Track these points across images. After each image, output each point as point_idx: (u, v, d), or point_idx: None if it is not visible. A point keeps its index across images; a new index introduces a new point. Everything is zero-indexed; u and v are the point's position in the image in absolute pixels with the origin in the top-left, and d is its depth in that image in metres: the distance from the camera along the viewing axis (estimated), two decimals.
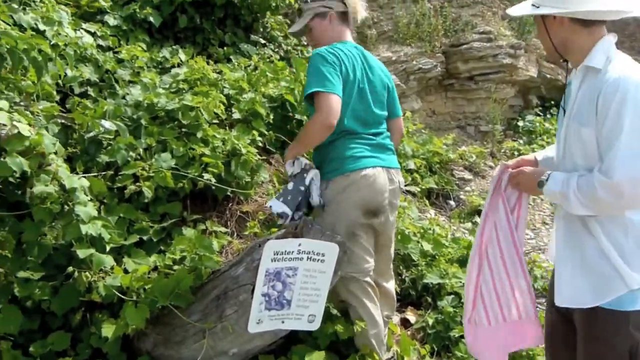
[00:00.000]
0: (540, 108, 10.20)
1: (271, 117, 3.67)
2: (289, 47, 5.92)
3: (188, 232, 2.87)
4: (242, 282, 2.33)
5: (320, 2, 2.74)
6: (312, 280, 2.38)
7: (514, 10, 2.02)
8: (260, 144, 3.49)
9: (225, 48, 5.18)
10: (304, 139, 2.67)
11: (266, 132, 3.57)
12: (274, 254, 2.25)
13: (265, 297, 2.31)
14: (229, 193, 3.15)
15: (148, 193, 2.86)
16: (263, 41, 5.62)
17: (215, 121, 3.44)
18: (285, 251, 2.27)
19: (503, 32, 9.06)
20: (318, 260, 2.35)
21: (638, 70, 1.76)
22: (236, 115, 3.52)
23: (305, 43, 6.41)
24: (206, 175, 2.98)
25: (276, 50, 5.72)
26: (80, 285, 2.45)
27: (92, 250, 2.49)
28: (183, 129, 3.25)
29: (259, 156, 3.29)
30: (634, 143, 1.69)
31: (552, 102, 10.28)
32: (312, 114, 2.61)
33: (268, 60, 5.11)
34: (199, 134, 3.19)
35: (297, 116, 3.81)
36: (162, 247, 2.86)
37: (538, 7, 1.89)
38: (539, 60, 9.74)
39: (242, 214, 3.25)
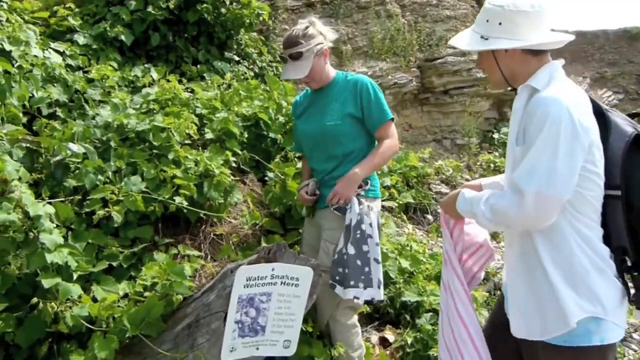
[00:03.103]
0: None
1: (245, 136, 3.62)
2: (264, 64, 5.90)
3: (159, 256, 2.80)
4: (214, 309, 2.26)
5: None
6: (286, 305, 2.33)
7: (462, 44, 1.92)
8: (234, 164, 3.44)
9: (198, 66, 5.14)
10: (381, 162, 2.71)
11: (240, 152, 3.51)
12: (247, 280, 2.19)
13: (238, 324, 2.25)
14: (201, 215, 3.09)
15: (117, 218, 2.78)
16: (237, 58, 5.59)
17: (187, 142, 3.38)
18: (258, 276, 2.22)
19: None
20: (292, 284, 2.30)
21: (571, 94, 1.74)
22: (209, 135, 3.46)
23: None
24: (178, 198, 2.91)
25: (250, 67, 5.70)
26: (46, 316, 2.36)
27: (58, 279, 2.40)
28: (154, 151, 3.18)
29: (232, 177, 3.23)
30: (542, 157, 1.67)
31: None
32: (350, 136, 2.68)
33: (242, 77, 5.07)
34: (171, 156, 3.12)
35: (272, 135, 3.77)
36: (132, 273, 2.78)
37: (487, 39, 1.85)
38: None
39: (215, 236, 3.18)
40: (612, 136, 1.79)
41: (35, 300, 2.33)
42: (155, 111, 3.49)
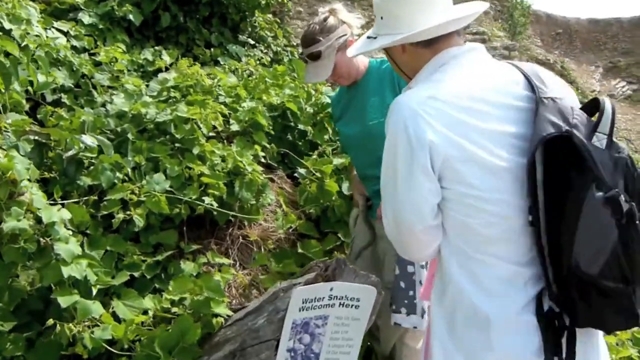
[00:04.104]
0: None
1: (271, 128, 3.27)
2: (279, 48, 5.52)
3: (187, 266, 2.47)
4: (264, 337, 1.93)
5: None
6: (343, 329, 2.00)
7: (351, 50, 1.72)
8: (262, 160, 3.10)
9: (211, 49, 4.77)
10: None
11: (268, 146, 3.17)
12: (303, 302, 1.87)
13: (290, 353, 1.93)
14: (230, 217, 2.75)
15: (139, 221, 2.44)
16: (252, 42, 5.21)
17: (211, 134, 3.03)
18: (315, 298, 1.89)
19: (496, 32, 8.85)
20: (352, 305, 1.97)
21: (431, 90, 1.37)
22: (234, 127, 3.11)
23: (295, 44, 6.03)
24: (207, 199, 2.57)
25: (265, 51, 5.32)
26: (62, 339, 2.03)
27: (77, 297, 2.06)
28: (176, 144, 2.83)
29: (263, 174, 2.90)
30: (385, 178, 1.42)
31: None
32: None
33: (258, 62, 4.71)
34: (196, 150, 2.78)
35: (300, 126, 3.42)
36: (156, 285, 2.45)
37: (375, 38, 1.57)
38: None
39: (244, 239, 2.85)
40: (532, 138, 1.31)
41: (51, 321, 2.00)
42: (176, 99, 3.13)
